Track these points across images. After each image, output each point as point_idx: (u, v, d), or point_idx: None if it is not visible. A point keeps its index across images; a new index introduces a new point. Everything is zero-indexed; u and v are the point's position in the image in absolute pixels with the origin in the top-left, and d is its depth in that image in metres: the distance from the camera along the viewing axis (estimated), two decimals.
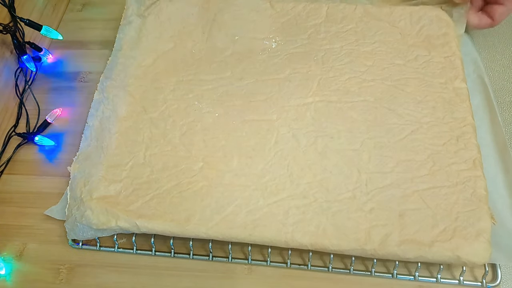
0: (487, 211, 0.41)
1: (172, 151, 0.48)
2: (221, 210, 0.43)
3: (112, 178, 0.46)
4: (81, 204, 0.45)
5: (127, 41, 0.56)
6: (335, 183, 0.44)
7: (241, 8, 0.57)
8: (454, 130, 0.46)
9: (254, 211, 0.43)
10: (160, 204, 0.44)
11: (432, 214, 0.41)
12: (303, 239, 0.41)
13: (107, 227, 0.44)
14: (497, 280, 0.42)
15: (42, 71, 0.61)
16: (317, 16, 0.56)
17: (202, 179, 0.45)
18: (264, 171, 0.45)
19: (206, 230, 0.43)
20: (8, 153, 0.54)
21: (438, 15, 0.54)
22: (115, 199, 0.45)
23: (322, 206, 0.43)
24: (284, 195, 0.44)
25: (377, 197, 0.43)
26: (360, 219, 0.42)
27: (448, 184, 0.43)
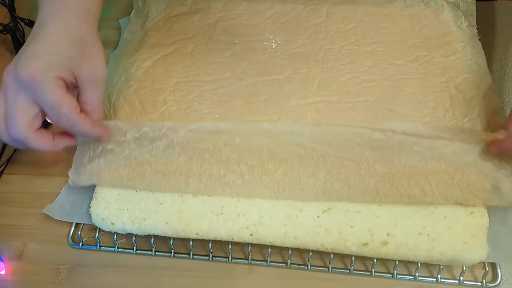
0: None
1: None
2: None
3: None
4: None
5: (129, 48, 0.57)
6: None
7: (242, 14, 0.58)
8: None
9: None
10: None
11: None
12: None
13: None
14: (497, 280, 0.42)
15: None
16: (317, 16, 0.56)
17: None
18: None
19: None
20: (8, 153, 0.54)
21: (438, 16, 0.54)
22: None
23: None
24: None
25: None
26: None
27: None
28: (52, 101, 0.38)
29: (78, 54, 0.40)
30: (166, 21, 0.59)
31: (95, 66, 0.41)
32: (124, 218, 0.44)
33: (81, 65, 0.40)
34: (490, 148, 0.41)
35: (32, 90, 0.38)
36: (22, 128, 0.39)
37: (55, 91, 0.38)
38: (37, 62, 0.38)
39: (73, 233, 0.48)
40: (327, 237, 0.41)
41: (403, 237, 0.41)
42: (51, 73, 0.38)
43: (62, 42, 0.39)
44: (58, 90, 0.38)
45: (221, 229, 0.43)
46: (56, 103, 0.38)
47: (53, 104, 0.38)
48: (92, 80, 0.41)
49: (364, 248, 0.41)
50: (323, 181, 0.42)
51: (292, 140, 0.44)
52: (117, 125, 0.46)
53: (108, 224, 0.45)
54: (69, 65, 0.39)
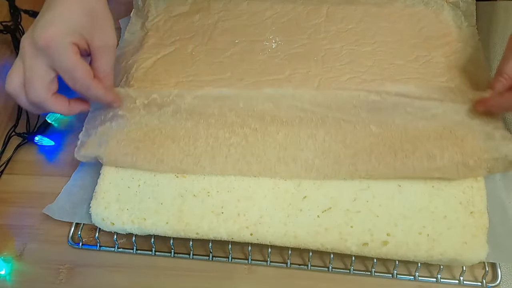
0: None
1: None
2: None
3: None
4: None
5: (129, 48, 0.57)
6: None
7: (242, 14, 0.58)
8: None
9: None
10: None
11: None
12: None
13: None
14: (497, 280, 0.42)
15: None
16: (317, 16, 0.56)
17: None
18: None
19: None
20: (8, 153, 0.54)
21: (438, 16, 0.54)
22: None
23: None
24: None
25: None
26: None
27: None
28: (68, 66, 0.40)
29: (90, 23, 0.42)
30: (166, 21, 0.58)
31: (106, 34, 0.44)
32: (124, 218, 0.44)
33: (93, 33, 0.42)
34: (477, 108, 0.43)
35: (49, 55, 0.40)
36: (40, 92, 0.41)
37: (71, 56, 0.40)
38: (54, 28, 0.40)
39: (73, 233, 0.48)
40: (327, 237, 0.41)
41: (403, 237, 0.41)
42: (66, 39, 0.40)
43: (75, 11, 0.41)
44: (74, 55, 0.41)
45: (221, 228, 0.43)
46: (71, 67, 0.41)
47: (69, 69, 0.41)
48: (104, 47, 0.44)
49: (364, 248, 0.41)
50: (322, 141, 0.45)
51: (293, 104, 0.46)
52: (127, 92, 0.48)
53: (108, 224, 0.45)
54: (82, 33, 0.41)
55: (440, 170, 0.42)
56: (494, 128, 0.43)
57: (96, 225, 0.46)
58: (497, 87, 0.43)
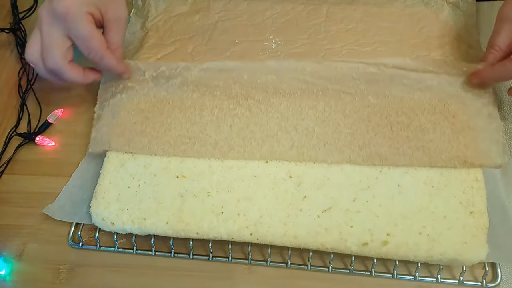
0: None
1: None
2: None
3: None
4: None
5: (129, 49, 0.57)
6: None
7: (242, 14, 0.58)
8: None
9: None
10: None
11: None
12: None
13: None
14: (497, 280, 0.42)
15: None
16: (317, 16, 0.56)
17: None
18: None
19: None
20: (9, 153, 0.54)
21: (438, 16, 0.54)
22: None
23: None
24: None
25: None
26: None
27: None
28: (84, 34, 0.43)
29: None
30: (166, 21, 0.58)
31: (119, 7, 0.47)
32: (124, 218, 0.44)
33: (107, 5, 0.45)
34: (471, 80, 0.45)
35: (66, 24, 0.42)
36: (57, 58, 0.44)
37: (87, 25, 0.43)
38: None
39: (73, 233, 0.48)
40: (327, 237, 0.41)
41: (403, 237, 0.41)
42: (83, 8, 0.42)
43: None
44: (89, 25, 0.43)
45: (221, 228, 0.43)
46: (87, 36, 0.43)
47: (85, 37, 0.43)
48: (116, 20, 0.46)
49: (364, 248, 0.41)
50: (322, 111, 0.47)
51: (294, 76, 0.48)
52: (137, 65, 0.50)
53: (108, 224, 0.45)
54: (97, 4, 0.44)
55: (433, 142, 0.44)
56: (484, 104, 0.45)
57: (96, 225, 0.46)
58: (489, 58, 0.44)
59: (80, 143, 0.53)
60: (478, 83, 0.45)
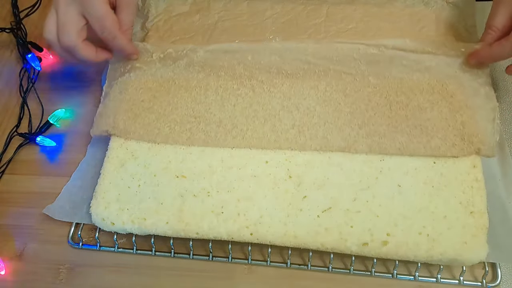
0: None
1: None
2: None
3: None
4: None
5: None
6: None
7: (242, 14, 0.58)
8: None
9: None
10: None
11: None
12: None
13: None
14: (497, 280, 0.42)
15: (42, 71, 0.61)
16: (317, 16, 0.56)
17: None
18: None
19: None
20: (10, 153, 0.54)
21: (438, 16, 0.54)
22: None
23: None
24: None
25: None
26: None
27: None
28: (99, 14, 0.45)
29: None
30: (166, 21, 0.58)
31: None
32: (124, 218, 0.44)
33: None
34: (469, 60, 0.46)
35: (82, 3, 0.45)
36: (72, 36, 0.45)
37: (102, 5, 0.45)
38: None
39: (73, 233, 0.48)
40: (327, 237, 0.41)
41: (403, 237, 0.41)
42: None
43: None
44: (105, 5, 0.45)
45: (221, 228, 0.43)
46: (102, 16, 0.45)
47: (100, 17, 0.45)
48: (128, 2, 0.49)
49: (364, 248, 0.41)
50: (324, 91, 0.48)
51: (297, 57, 0.49)
52: (145, 47, 0.52)
53: (108, 224, 0.45)
54: None
55: (431, 120, 0.45)
56: (481, 84, 0.46)
57: (96, 225, 0.46)
58: (487, 39, 0.46)
59: (80, 143, 0.53)
60: (476, 64, 0.46)
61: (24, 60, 0.59)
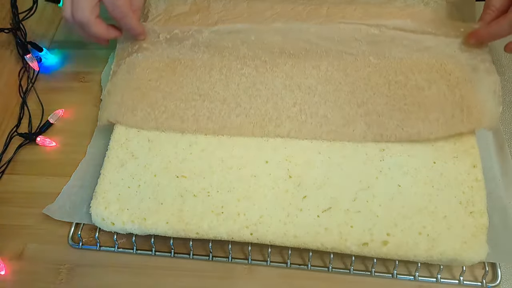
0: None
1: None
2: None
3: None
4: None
5: None
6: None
7: (242, 14, 0.57)
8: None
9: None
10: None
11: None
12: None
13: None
14: (497, 280, 0.42)
15: (42, 71, 0.61)
16: (317, 16, 0.56)
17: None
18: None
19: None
20: (10, 153, 0.54)
21: (438, 16, 0.54)
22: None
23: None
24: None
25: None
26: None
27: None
28: None
29: None
30: (166, 21, 0.58)
31: None
32: (124, 218, 0.44)
33: None
34: (469, 40, 0.47)
35: None
36: (86, 12, 0.47)
37: None
38: None
39: (73, 233, 0.48)
40: (327, 237, 0.41)
41: (403, 237, 0.41)
42: None
43: None
44: None
45: (221, 228, 0.43)
46: None
47: None
48: None
49: (364, 248, 0.41)
50: (325, 71, 0.50)
51: (299, 37, 0.51)
52: (152, 28, 0.54)
53: (108, 224, 0.45)
54: None
55: (429, 98, 0.45)
56: (481, 61, 0.47)
57: (96, 225, 0.46)
58: (485, 18, 0.46)
59: (80, 143, 0.53)
60: (475, 43, 0.47)
61: (23, 60, 0.59)
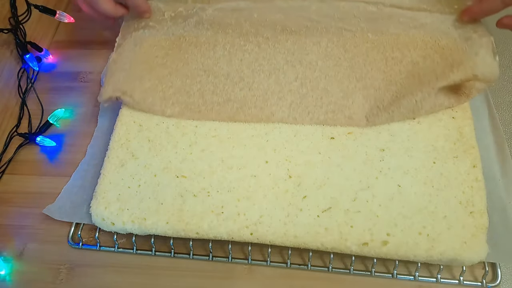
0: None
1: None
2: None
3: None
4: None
5: None
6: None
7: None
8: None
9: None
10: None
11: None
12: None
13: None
14: (497, 280, 0.42)
15: (42, 71, 0.61)
16: None
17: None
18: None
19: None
20: (10, 153, 0.54)
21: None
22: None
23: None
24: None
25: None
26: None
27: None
28: None
29: None
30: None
31: None
32: (124, 218, 0.44)
33: None
34: (463, 17, 0.49)
35: None
36: None
37: None
38: None
39: (73, 233, 0.48)
40: (327, 236, 0.41)
41: (403, 237, 0.41)
42: None
43: None
44: None
45: (221, 228, 0.43)
46: None
47: None
48: None
49: (364, 248, 0.41)
50: (325, 47, 0.51)
51: (300, 15, 0.53)
52: (157, 5, 0.55)
53: (108, 224, 0.45)
54: None
55: (424, 69, 0.47)
56: (474, 31, 0.48)
57: (96, 225, 0.46)
58: None
59: (80, 143, 0.53)
60: (469, 20, 0.49)
61: (23, 60, 0.59)
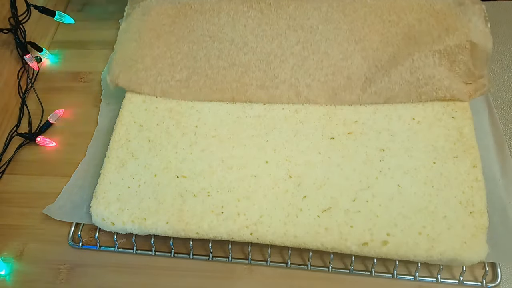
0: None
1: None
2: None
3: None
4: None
5: None
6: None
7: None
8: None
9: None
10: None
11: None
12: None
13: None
14: (497, 280, 0.42)
15: (42, 71, 0.61)
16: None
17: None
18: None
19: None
20: (10, 153, 0.54)
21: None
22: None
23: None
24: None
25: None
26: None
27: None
28: None
29: None
30: None
31: None
32: (124, 218, 0.44)
33: None
34: None
35: None
36: None
37: None
38: None
39: (73, 233, 0.48)
40: (327, 236, 0.41)
41: (403, 237, 0.41)
42: None
43: None
44: None
45: (221, 228, 0.43)
46: None
47: None
48: None
49: (364, 248, 0.41)
50: (326, 12, 0.53)
51: None
52: None
53: (108, 224, 0.45)
54: None
55: (419, 32, 0.49)
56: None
57: (96, 225, 0.46)
58: None
59: (80, 143, 0.53)
60: None
61: (23, 60, 0.59)
